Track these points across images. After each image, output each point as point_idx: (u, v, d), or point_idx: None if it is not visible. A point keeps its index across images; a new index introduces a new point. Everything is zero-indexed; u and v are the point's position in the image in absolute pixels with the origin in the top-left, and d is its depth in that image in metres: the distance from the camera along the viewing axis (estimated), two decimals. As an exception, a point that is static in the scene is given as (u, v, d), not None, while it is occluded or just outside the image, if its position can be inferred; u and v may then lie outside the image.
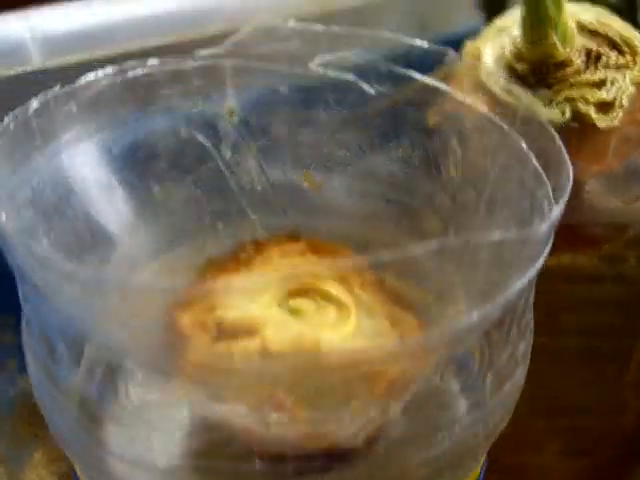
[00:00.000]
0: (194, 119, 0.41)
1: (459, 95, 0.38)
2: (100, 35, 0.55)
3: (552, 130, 0.33)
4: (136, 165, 0.40)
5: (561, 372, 0.54)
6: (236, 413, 0.34)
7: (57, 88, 0.35)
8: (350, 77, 0.41)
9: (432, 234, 0.41)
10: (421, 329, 0.39)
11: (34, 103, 0.34)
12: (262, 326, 0.36)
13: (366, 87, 0.41)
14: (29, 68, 0.53)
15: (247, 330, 0.36)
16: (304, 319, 0.38)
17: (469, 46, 0.52)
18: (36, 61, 0.54)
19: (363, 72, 0.41)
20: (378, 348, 0.36)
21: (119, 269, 0.38)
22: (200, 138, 0.41)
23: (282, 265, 0.42)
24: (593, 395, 0.56)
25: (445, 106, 0.39)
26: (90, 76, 0.37)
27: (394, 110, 0.41)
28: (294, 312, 0.38)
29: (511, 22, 0.52)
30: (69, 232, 0.35)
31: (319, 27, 0.40)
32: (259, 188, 0.43)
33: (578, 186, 0.50)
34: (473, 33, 0.75)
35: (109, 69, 0.37)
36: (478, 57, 0.51)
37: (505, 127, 0.36)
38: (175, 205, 0.41)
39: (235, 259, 0.42)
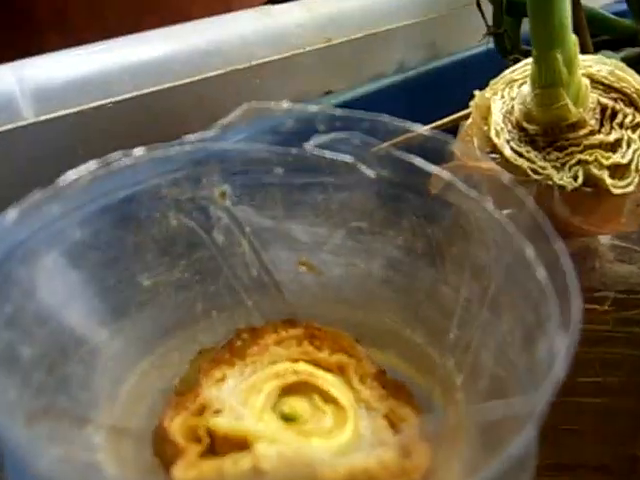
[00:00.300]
0: (183, 205, 0.39)
1: (463, 187, 0.36)
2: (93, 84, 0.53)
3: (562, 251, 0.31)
4: (122, 257, 0.38)
5: (578, 431, 0.53)
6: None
7: (37, 193, 0.33)
8: (348, 159, 0.38)
9: (434, 325, 0.39)
10: (421, 428, 0.38)
11: (12, 213, 0.32)
12: (254, 438, 0.35)
13: (365, 170, 0.39)
14: (20, 123, 0.51)
15: (238, 443, 0.35)
16: (299, 426, 0.36)
17: (478, 97, 0.50)
18: (27, 114, 0.52)
19: (362, 154, 0.38)
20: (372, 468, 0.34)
21: (107, 373, 0.36)
22: (191, 224, 0.39)
23: (278, 355, 0.40)
24: (609, 453, 0.55)
25: (449, 196, 0.37)
26: (71, 173, 0.35)
27: (395, 194, 0.39)
28: (288, 417, 0.37)
29: (521, 75, 0.49)
30: (50, 343, 0.34)
31: (314, 107, 0.38)
32: (254, 273, 0.41)
33: (591, 252, 0.48)
34: (482, 56, 0.72)
35: (92, 163, 0.35)
36: (488, 110, 0.49)
37: (511, 228, 0.34)
38: (165, 295, 0.39)
39: (230, 348, 0.41)
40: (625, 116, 0.47)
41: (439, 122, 0.52)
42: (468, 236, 0.37)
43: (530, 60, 0.46)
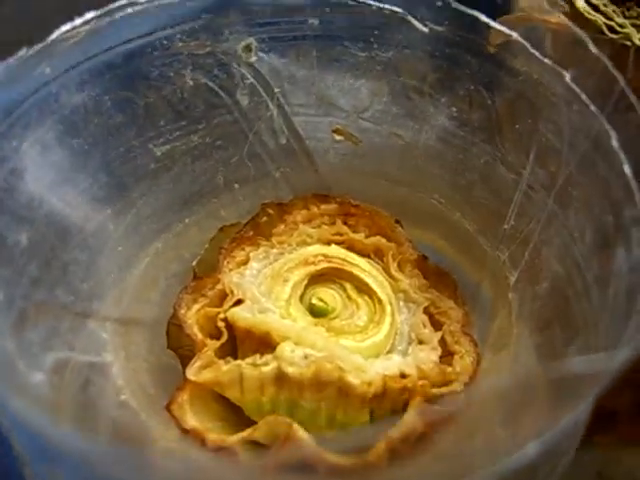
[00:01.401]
0: (201, 61, 0.33)
1: (532, 50, 0.29)
2: None
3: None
4: (130, 122, 0.33)
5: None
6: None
7: (23, 51, 0.28)
8: (397, 9, 0.32)
9: (487, 211, 0.34)
10: (465, 325, 0.34)
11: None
12: (279, 336, 0.31)
13: (417, 23, 0.32)
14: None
15: (261, 340, 0.31)
16: (329, 322, 0.32)
17: None
18: None
19: (414, 4, 0.32)
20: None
21: (114, 258, 0.32)
22: (210, 84, 0.34)
23: (308, 234, 0.35)
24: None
25: (516, 61, 0.31)
26: (65, 27, 0.29)
27: (451, 55, 0.33)
28: (318, 311, 0.33)
29: None
30: (46, 228, 0.29)
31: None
32: (283, 140, 0.36)
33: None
34: None
35: (90, 14, 0.29)
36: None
37: (593, 107, 0.28)
38: (181, 166, 0.34)
39: (254, 225, 0.36)
40: None
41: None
42: (536, 112, 0.31)
43: None
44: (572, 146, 0.30)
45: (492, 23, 0.31)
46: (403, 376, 0.31)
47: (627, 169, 0.27)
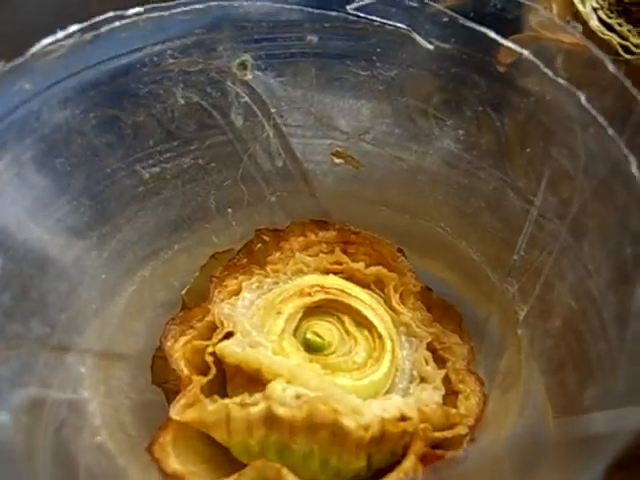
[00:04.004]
0: (193, 79, 0.31)
1: (545, 69, 0.28)
2: None
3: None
4: (117, 143, 0.31)
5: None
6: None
7: (1, 64, 0.26)
8: (401, 25, 0.30)
9: (495, 240, 0.32)
10: (471, 362, 0.31)
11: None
12: (270, 374, 0.29)
13: (422, 40, 0.30)
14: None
15: (251, 377, 0.29)
16: (324, 358, 0.30)
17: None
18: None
19: (418, 20, 0.30)
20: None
21: (96, 286, 0.30)
22: (203, 102, 0.32)
23: (304, 263, 0.33)
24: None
25: (527, 80, 0.29)
26: (46, 41, 0.27)
27: (458, 74, 0.31)
28: (313, 346, 0.31)
29: None
30: (23, 256, 0.27)
31: (361, -42, 0.29)
32: (279, 163, 0.34)
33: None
34: None
35: (74, 27, 0.28)
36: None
37: (610, 131, 0.26)
38: (171, 189, 0.32)
39: (247, 252, 0.34)
40: None
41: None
42: (549, 135, 0.29)
43: None
44: (588, 172, 0.27)
45: (502, 40, 0.29)
46: (403, 419, 0.28)
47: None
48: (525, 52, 0.29)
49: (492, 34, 0.29)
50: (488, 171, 0.31)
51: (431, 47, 0.31)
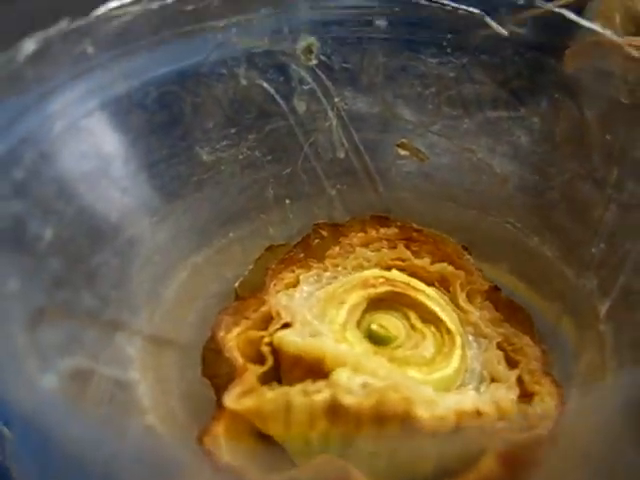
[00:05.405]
0: (257, 60, 0.30)
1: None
2: None
3: None
4: (177, 122, 0.30)
5: None
6: None
7: (64, 22, 0.25)
8: (475, 11, 0.29)
9: (571, 234, 0.30)
10: (545, 364, 0.29)
11: (28, 44, 0.24)
12: (333, 363, 0.27)
13: (496, 26, 0.29)
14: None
15: (312, 367, 0.27)
16: (390, 351, 0.28)
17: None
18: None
19: (492, 5, 0.29)
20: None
21: (148, 269, 0.28)
22: (265, 85, 0.31)
23: (365, 259, 0.32)
24: None
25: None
26: (112, 4, 0.26)
27: (534, 60, 0.29)
28: (378, 339, 0.29)
29: None
30: (76, 225, 0.26)
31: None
32: (341, 155, 0.32)
33: None
34: None
35: (140, -7, 0.27)
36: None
37: None
38: (228, 176, 0.31)
39: (305, 246, 0.32)
40: None
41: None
42: (633, 118, 0.27)
43: None
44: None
45: (582, 21, 0.28)
46: (479, 414, 0.26)
47: None
48: (608, 32, 0.28)
49: (571, 15, 0.28)
50: (563, 162, 0.30)
51: (506, 32, 0.29)
